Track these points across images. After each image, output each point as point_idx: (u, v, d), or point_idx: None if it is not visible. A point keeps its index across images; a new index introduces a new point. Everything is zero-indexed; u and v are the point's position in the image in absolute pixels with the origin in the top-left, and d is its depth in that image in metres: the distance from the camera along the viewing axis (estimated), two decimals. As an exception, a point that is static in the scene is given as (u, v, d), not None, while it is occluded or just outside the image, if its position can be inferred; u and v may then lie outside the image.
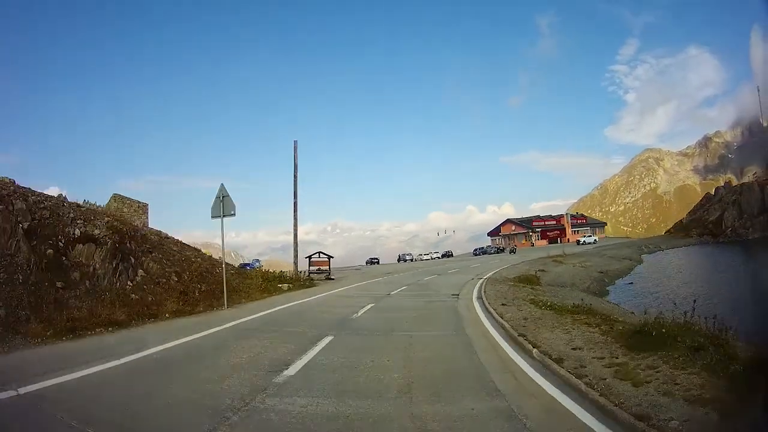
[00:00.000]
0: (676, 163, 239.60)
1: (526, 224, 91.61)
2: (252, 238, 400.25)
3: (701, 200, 74.91)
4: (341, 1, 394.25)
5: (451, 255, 75.55)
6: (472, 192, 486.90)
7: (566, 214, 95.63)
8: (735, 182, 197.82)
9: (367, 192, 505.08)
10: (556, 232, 44.72)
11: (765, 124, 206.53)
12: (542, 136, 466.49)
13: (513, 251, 58.05)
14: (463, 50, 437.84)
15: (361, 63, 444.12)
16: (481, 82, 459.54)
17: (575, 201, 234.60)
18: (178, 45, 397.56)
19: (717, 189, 70.52)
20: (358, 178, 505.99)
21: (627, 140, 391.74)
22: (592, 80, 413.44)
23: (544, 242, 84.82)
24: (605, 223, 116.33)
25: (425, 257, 74.32)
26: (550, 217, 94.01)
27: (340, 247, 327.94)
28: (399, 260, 71.55)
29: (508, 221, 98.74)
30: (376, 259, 71.17)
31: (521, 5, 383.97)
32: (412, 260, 69.09)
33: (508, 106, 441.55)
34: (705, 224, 58.70)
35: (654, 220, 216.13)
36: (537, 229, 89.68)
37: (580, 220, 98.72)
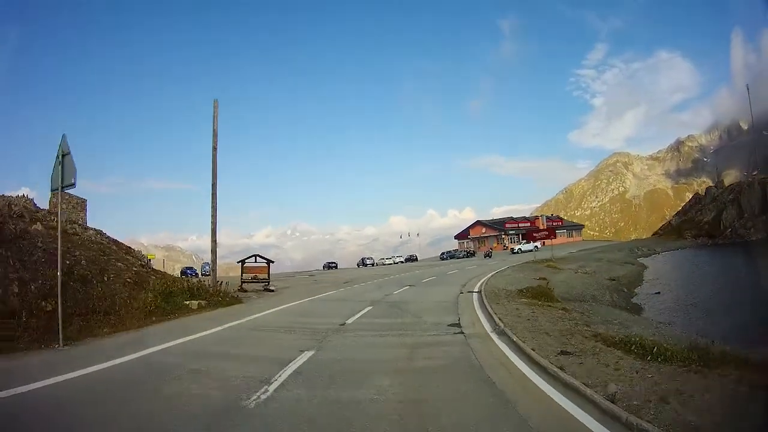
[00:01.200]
0: (646, 167, 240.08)
1: (498, 226, 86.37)
2: None
3: (690, 201, 70.80)
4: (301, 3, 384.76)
5: (416, 259, 70.35)
6: (432, 196, 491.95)
7: (542, 215, 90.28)
8: (712, 185, 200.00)
9: (327, 196, 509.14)
10: (544, 233, 38.55)
11: (746, 127, 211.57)
12: (504, 140, 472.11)
13: (489, 255, 52.12)
14: (424, 54, 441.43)
15: (322, 67, 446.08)
16: (442, 85, 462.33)
17: (539, 205, 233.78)
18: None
19: (708, 189, 66.23)
20: (318, 181, 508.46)
21: (592, 144, 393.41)
22: (556, 85, 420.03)
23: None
24: (582, 226, 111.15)
25: (387, 261, 69.01)
26: (524, 219, 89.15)
27: (300, 251, 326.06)
28: (359, 265, 66.83)
29: (478, 223, 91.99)
30: (334, 263, 65.72)
31: (483, 9, 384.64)
32: (373, 265, 64.32)
33: (470, 110, 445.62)
34: (699, 225, 54.16)
35: (623, 224, 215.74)
36: (510, 232, 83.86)
37: (557, 222, 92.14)
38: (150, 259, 57.32)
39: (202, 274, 60.65)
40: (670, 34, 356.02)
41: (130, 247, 37.63)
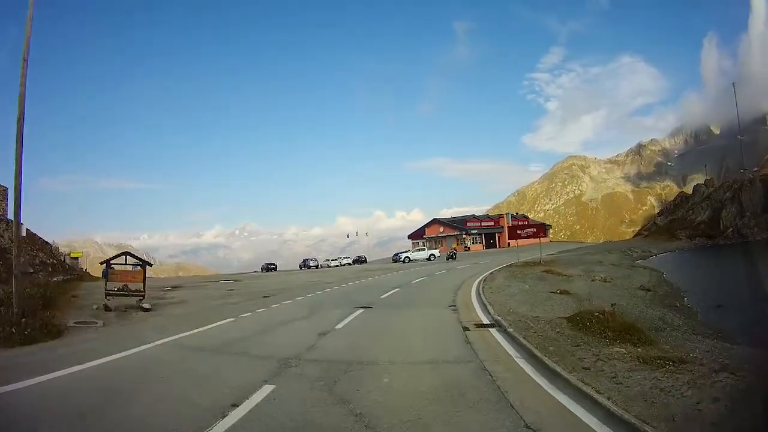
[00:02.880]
0: (604, 170, 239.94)
1: (458, 225, 78.44)
2: (163, 240, 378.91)
3: (675, 200, 65.74)
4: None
5: (365, 261, 63.07)
6: (380, 198, 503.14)
7: (506, 214, 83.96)
8: (676, 189, 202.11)
9: (277, 196, 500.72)
10: (531, 230, 31.47)
11: (717, 132, 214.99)
12: (454, 143, 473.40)
13: (453, 257, 43.92)
14: (375, 55, 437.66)
15: (271, 65, 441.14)
16: (393, 87, 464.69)
17: (489, 207, 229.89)
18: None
19: (697, 187, 61.13)
20: (268, 181, 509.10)
21: (547, 148, 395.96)
22: (509, 88, 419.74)
23: (480, 246, 73.86)
24: (550, 226, 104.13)
25: (333, 263, 61.77)
26: (488, 217, 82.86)
27: (248, 251, 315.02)
28: (302, 267, 59.43)
29: (436, 222, 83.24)
30: (273, 265, 58.31)
31: (439, 10, 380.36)
32: (317, 267, 57.25)
33: (420, 113, 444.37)
34: (693, 225, 48.77)
35: (578, 226, 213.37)
36: (472, 231, 76.92)
37: (522, 222, 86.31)
38: (77, 257, 47.21)
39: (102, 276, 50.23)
40: (633, 39, 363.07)
41: (47, 242, 32.06)
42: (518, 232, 31.88)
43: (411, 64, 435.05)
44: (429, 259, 52.15)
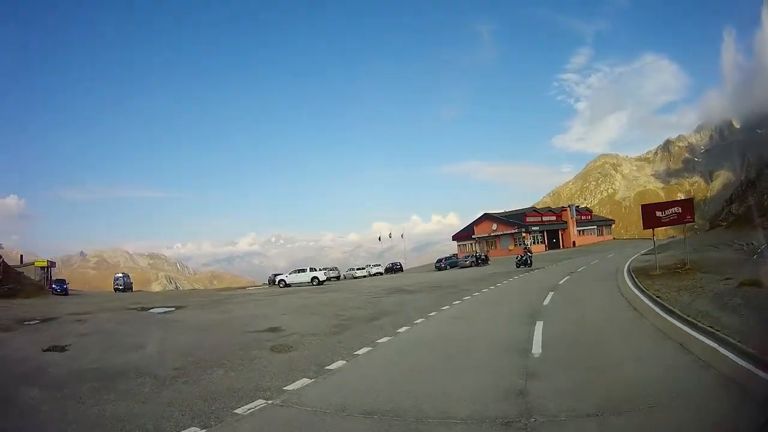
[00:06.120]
0: (635, 168, 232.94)
1: (515, 221, 64.59)
2: (197, 249, 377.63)
3: (741, 185, 55.57)
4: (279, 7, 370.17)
5: (401, 269, 52.08)
6: (415, 202, 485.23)
7: (570, 205, 72.37)
8: (704, 185, 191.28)
9: (312, 203, 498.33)
10: (676, 211, 18.84)
11: (738, 126, 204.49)
12: (486, 145, 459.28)
13: (527, 261, 32.10)
14: (405, 59, 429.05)
15: (301, 74, 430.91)
16: (424, 92, 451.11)
17: (525, 208, 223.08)
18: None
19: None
20: (303, 188, 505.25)
21: (576, 149, 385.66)
22: (539, 90, 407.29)
23: (542, 247, 61.36)
24: (613, 221, 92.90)
25: (359, 273, 48.57)
26: (549, 211, 71.43)
27: (284, 258, 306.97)
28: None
29: (487, 217, 69.17)
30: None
31: (463, 14, 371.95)
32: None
33: (452, 116, 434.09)
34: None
35: (612, 226, 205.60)
36: (533, 228, 63.41)
37: (586, 216, 76.46)
38: (43, 267, 44.92)
39: (116, 289, 42.24)
40: (657, 37, 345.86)
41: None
42: (657, 214, 19.04)
43: (441, 68, 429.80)
44: (476, 263, 42.65)
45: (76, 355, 8.86)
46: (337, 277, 45.64)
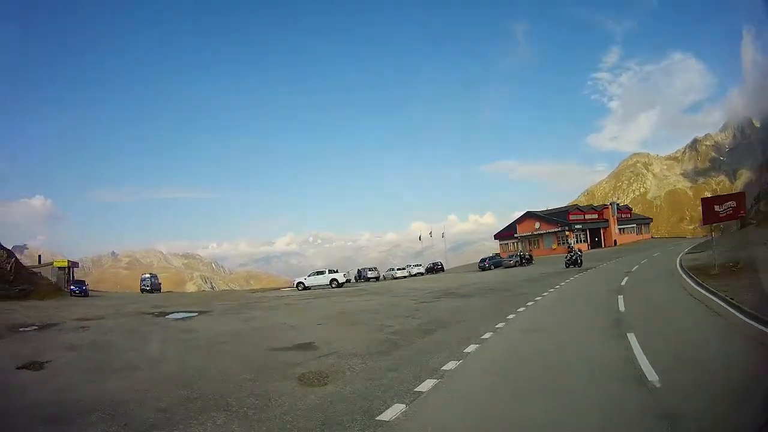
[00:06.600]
0: (665, 167, 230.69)
1: (558, 219, 64.13)
2: (233, 249, 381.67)
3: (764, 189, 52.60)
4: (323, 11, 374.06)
5: (442, 269, 50.02)
6: (452, 202, 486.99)
7: (611, 203, 71.58)
8: (729, 184, 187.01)
9: (349, 202, 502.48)
10: (731, 204, 16.71)
11: (758, 125, 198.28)
12: (522, 144, 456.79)
13: (576, 261, 29.75)
14: (440, 59, 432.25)
15: (338, 74, 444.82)
16: (458, 91, 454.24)
17: (567, 206, 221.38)
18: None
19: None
20: (338, 188, 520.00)
21: (609, 147, 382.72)
22: (574, 88, 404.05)
23: (585, 246, 57.73)
24: (651, 219, 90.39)
25: (399, 274, 46.20)
26: (592, 209, 69.97)
27: (322, 258, 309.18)
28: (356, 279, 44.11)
29: (530, 216, 68.22)
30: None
31: (497, 14, 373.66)
32: (376, 279, 40.41)
33: (487, 116, 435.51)
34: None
35: (650, 224, 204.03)
36: (576, 227, 61.91)
37: (626, 214, 75.11)
38: (63, 267, 44.16)
39: (143, 290, 40.36)
40: (683, 36, 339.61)
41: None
42: (716, 209, 17.01)
43: (477, 68, 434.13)
44: (520, 263, 41.97)
45: (48, 378, 7.41)
46: (377, 278, 44.48)
